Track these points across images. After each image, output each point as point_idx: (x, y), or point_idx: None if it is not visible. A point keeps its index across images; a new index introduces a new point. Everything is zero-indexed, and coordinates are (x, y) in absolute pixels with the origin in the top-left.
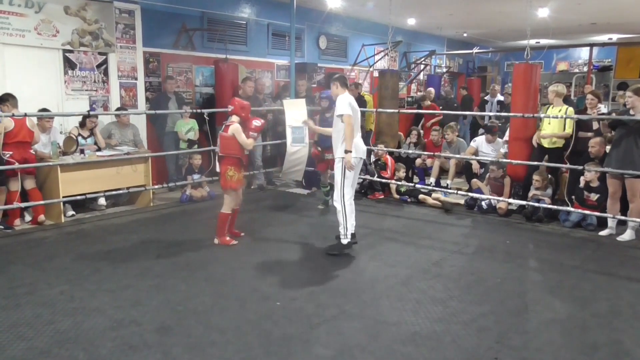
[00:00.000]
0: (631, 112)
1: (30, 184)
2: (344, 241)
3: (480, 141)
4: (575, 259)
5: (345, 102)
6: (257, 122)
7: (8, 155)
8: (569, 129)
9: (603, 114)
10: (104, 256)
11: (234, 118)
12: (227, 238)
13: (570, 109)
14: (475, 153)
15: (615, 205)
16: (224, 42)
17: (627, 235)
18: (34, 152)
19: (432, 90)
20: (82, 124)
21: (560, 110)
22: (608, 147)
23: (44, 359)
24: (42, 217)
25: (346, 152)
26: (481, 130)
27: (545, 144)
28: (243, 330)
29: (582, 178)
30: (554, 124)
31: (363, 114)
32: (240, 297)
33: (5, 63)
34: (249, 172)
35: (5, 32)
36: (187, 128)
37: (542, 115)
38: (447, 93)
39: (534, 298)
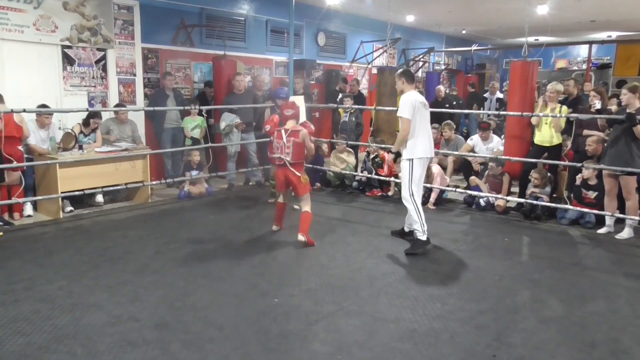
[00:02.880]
0: (627, 109)
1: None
2: (423, 237)
3: (476, 139)
4: (573, 256)
5: (407, 103)
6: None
7: None
8: (562, 124)
9: (599, 110)
10: (103, 252)
11: (293, 122)
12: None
13: (565, 107)
14: (472, 151)
15: (612, 203)
16: (222, 39)
17: (625, 233)
18: (22, 149)
19: (440, 88)
20: (86, 123)
21: (554, 109)
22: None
23: (43, 355)
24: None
25: (391, 152)
26: None
27: (545, 143)
28: (241, 327)
29: (578, 176)
30: (550, 123)
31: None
32: (239, 294)
33: (4, 59)
34: (247, 169)
35: (4, 27)
36: (193, 125)
37: (540, 115)
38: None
39: (532, 296)
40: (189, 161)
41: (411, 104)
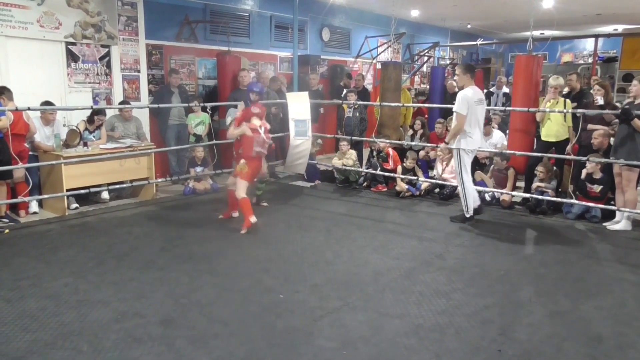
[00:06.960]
0: (636, 101)
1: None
2: (467, 215)
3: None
4: (579, 251)
5: (464, 100)
6: None
7: None
8: (569, 123)
9: (602, 105)
10: (108, 249)
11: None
12: None
13: (569, 102)
14: None
15: (621, 197)
16: (226, 35)
17: (620, 225)
18: (28, 145)
19: (453, 83)
20: (90, 120)
21: (557, 103)
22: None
23: (49, 351)
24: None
25: (445, 142)
26: None
27: (551, 138)
28: (246, 323)
29: (584, 170)
30: (556, 118)
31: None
32: (244, 290)
33: (8, 55)
34: None
35: (7, 24)
36: (197, 122)
37: (547, 110)
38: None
39: (538, 290)
40: (194, 157)
41: (466, 101)
